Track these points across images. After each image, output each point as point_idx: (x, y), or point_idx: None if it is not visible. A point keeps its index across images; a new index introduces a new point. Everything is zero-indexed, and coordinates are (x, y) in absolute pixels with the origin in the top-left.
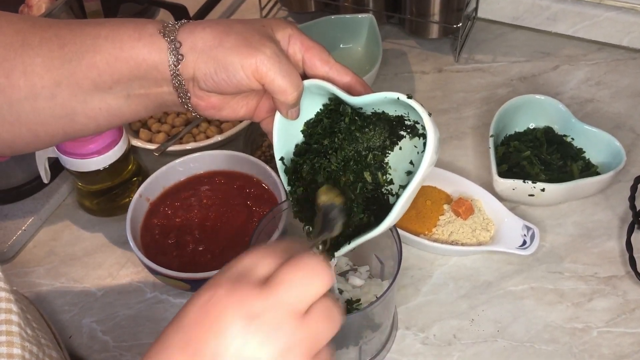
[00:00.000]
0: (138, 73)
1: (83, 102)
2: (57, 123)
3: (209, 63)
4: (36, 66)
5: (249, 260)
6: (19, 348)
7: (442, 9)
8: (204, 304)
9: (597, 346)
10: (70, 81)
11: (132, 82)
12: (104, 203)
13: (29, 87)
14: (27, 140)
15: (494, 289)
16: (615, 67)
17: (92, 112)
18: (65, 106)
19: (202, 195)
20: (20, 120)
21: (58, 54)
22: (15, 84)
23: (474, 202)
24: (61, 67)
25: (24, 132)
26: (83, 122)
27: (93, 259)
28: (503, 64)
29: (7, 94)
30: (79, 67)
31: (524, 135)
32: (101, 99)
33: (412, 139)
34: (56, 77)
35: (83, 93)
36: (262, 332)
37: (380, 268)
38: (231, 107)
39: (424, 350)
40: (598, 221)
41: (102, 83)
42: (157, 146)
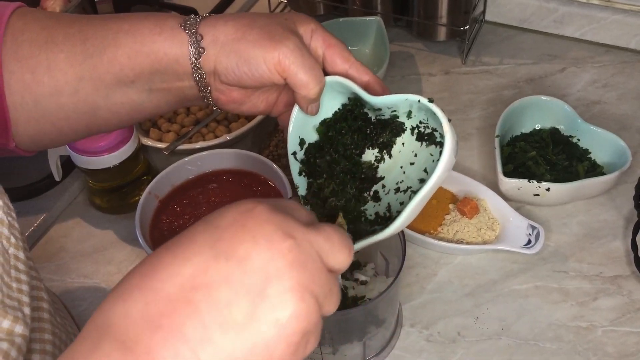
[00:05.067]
0: (159, 67)
1: (105, 97)
2: (80, 118)
3: (231, 56)
4: (60, 62)
5: (288, 203)
6: (49, 334)
7: (450, 11)
8: (246, 212)
9: (602, 345)
10: (93, 76)
11: (154, 76)
12: (114, 201)
13: (53, 82)
14: (51, 136)
15: (498, 287)
16: (622, 70)
17: (114, 107)
18: (88, 101)
19: (210, 193)
20: (45, 116)
21: (80, 49)
22: (40, 80)
23: (480, 202)
24: (83, 62)
25: (48, 127)
26: (105, 117)
27: (103, 256)
28: (510, 66)
29: (33, 90)
30: (101, 62)
31: (530, 136)
32: (123, 94)
33: (429, 146)
34: (79, 72)
35: (105, 88)
36: (293, 254)
37: (385, 265)
38: (252, 101)
39: (428, 348)
40: (603, 221)
41: (124, 77)
42: (166, 145)
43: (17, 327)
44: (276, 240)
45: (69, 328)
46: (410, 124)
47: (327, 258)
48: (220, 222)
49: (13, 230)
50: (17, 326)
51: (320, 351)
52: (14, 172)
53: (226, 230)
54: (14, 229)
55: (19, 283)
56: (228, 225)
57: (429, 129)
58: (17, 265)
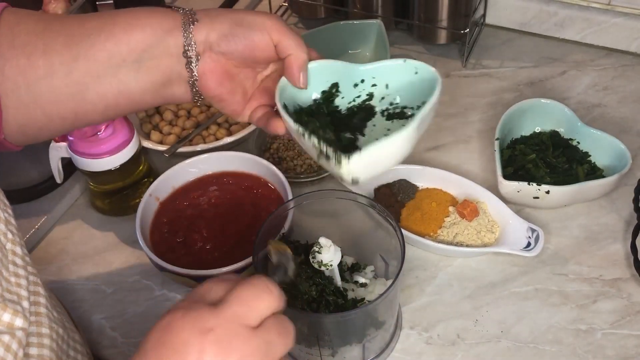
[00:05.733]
0: (152, 39)
1: (96, 78)
2: (69, 102)
3: (225, 23)
4: (57, 44)
5: (204, 287)
6: (47, 328)
7: (450, 14)
8: (164, 327)
9: (601, 348)
10: (88, 54)
11: (145, 51)
12: (115, 203)
13: (48, 65)
14: (40, 124)
15: (498, 290)
16: (623, 73)
17: (102, 89)
18: (80, 82)
19: (210, 195)
20: (36, 100)
21: (78, 32)
22: (35, 63)
23: (479, 205)
24: (80, 42)
25: (38, 114)
26: (93, 101)
27: (103, 258)
28: (510, 69)
29: (27, 74)
30: (98, 39)
31: (530, 138)
32: (113, 74)
33: (400, 120)
34: (75, 52)
35: (97, 67)
36: (216, 343)
37: (385, 268)
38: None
39: (427, 350)
40: (603, 224)
41: (117, 54)
42: (167, 147)
43: (17, 320)
44: (196, 340)
45: (66, 323)
46: (380, 108)
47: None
48: (147, 345)
49: (10, 226)
50: (17, 319)
51: (319, 353)
52: (15, 174)
53: (153, 350)
54: (11, 225)
55: (17, 277)
56: (154, 346)
57: (398, 109)
58: (14, 260)
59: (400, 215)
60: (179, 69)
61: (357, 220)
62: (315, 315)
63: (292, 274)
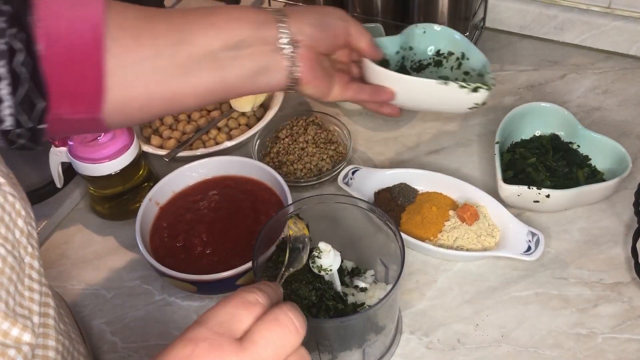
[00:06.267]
0: (249, 30)
1: (197, 62)
2: (171, 83)
3: (311, 16)
4: (161, 29)
5: (229, 312)
6: (53, 340)
7: (450, 18)
8: (187, 356)
9: (602, 352)
10: (192, 40)
11: (243, 40)
12: (115, 207)
13: (154, 47)
14: (140, 103)
15: (498, 294)
16: (623, 76)
17: (202, 73)
18: (182, 65)
19: (210, 200)
20: (140, 79)
21: (181, 20)
22: (142, 44)
23: (480, 208)
24: (183, 29)
25: (140, 92)
26: (193, 84)
27: (104, 262)
28: (510, 73)
29: (133, 54)
30: (199, 27)
31: (530, 142)
32: (212, 60)
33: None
34: (179, 37)
35: (198, 52)
36: None
37: (385, 272)
38: (322, 77)
39: (428, 355)
40: (604, 228)
41: (217, 41)
42: (167, 152)
43: (25, 335)
44: None
45: (72, 334)
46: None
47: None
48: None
49: (31, 239)
50: (25, 334)
51: (319, 358)
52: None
53: None
54: (32, 239)
55: (30, 292)
56: None
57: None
58: (31, 274)
59: (400, 219)
60: (276, 58)
61: (357, 224)
62: (315, 320)
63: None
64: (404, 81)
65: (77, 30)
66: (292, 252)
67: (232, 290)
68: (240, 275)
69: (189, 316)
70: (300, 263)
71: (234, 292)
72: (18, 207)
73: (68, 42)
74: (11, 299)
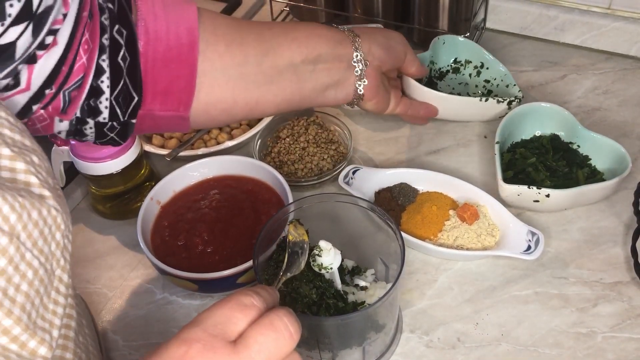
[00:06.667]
0: (327, 47)
1: (280, 73)
2: (255, 89)
3: (379, 38)
4: (250, 39)
5: (225, 314)
6: (71, 353)
7: (451, 19)
8: (181, 356)
9: (602, 351)
10: (277, 51)
11: (321, 55)
12: (117, 207)
13: (243, 54)
14: (225, 105)
15: (498, 293)
16: (623, 77)
17: (283, 83)
18: (267, 74)
19: (211, 199)
20: (228, 83)
21: (268, 33)
22: (233, 51)
23: (480, 208)
24: (269, 41)
25: (227, 95)
26: (275, 92)
27: (105, 261)
28: (511, 73)
29: (224, 59)
30: (285, 40)
31: (530, 142)
32: (293, 72)
33: None
34: (265, 47)
35: (282, 63)
36: None
37: (385, 271)
38: (384, 94)
39: (428, 353)
40: (603, 227)
41: (299, 54)
42: (169, 151)
43: (42, 349)
44: None
45: (90, 347)
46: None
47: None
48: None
49: (65, 252)
50: (42, 348)
51: (320, 356)
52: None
53: None
54: (66, 252)
55: (55, 305)
56: None
57: None
58: (58, 287)
59: (400, 218)
60: (347, 74)
61: (357, 223)
62: (315, 318)
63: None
64: (451, 100)
65: (175, 32)
66: (290, 257)
67: (232, 289)
68: (241, 274)
69: (190, 314)
70: (298, 269)
71: (231, 294)
72: (59, 221)
73: (166, 41)
74: (34, 312)
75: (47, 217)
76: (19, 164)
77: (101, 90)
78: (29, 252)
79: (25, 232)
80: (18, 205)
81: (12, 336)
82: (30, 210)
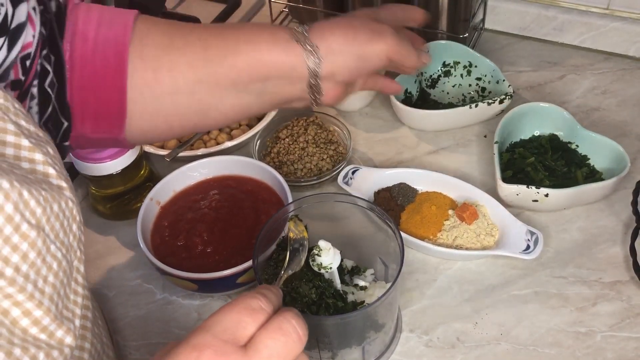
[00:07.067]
0: (276, 74)
1: (219, 99)
2: (191, 117)
3: (348, 58)
4: (181, 65)
5: (230, 319)
6: (89, 343)
7: (449, 19)
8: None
9: (601, 350)
10: (211, 80)
11: (268, 82)
12: (117, 207)
13: (173, 82)
14: (160, 131)
15: (497, 293)
16: (622, 77)
17: (225, 108)
18: (202, 102)
19: (211, 199)
20: (160, 111)
21: (202, 56)
22: (161, 79)
23: (479, 208)
24: (204, 67)
25: (160, 123)
26: (215, 117)
27: (105, 261)
28: (510, 74)
29: (152, 88)
30: (221, 68)
31: (528, 142)
32: (235, 97)
33: None
34: (198, 75)
35: (220, 91)
36: None
37: (385, 271)
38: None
39: (427, 353)
40: (602, 227)
41: (240, 82)
42: (168, 152)
43: (68, 338)
44: None
45: (103, 338)
46: None
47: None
48: None
49: (80, 244)
50: (68, 337)
51: (319, 356)
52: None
53: None
54: (81, 243)
55: (75, 295)
56: None
57: None
58: (77, 277)
59: (399, 218)
60: (300, 94)
61: (356, 223)
62: (315, 318)
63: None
64: (442, 114)
65: (102, 56)
66: (291, 254)
67: (232, 289)
68: (241, 274)
69: (190, 314)
70: (298, 265)
71: (237, 298)
72: (75, 213)
73: (92, 66)
74: (60, 302)
75: (65, 209)
76: (37, 155)
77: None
78: (53, 244)
79: (49, 225)
80: (42, 199)
81: (42, 326)
82: (52, 203)
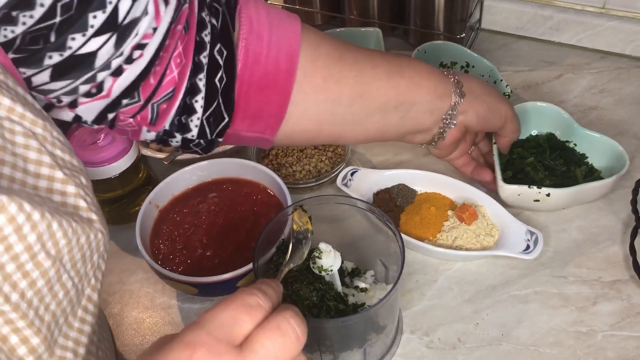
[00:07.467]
0: (425, 99)
1: (369, 115)
2: (342, 127)
3: (482, 104)
4: (349, 77)
5: (227, 316)
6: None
7: (446, 19)
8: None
9: (602, 349)
10: (371, 95)
11: (415, 106)
12: (115, 211)
13: (338, 92)
14: (307, 136)
15: (498, 293)
16: (618, 75)
17: (370, 125)
18: (356, 114)
19: (210, 202)
20: (317, 117)
21: (370, 73)
22: (329, 87)
23: (478, 208)
24: (370, 83)
25: (312, 127)
26: (358, 132)
27: None
28: (507, 74)
29: (317, 94)
30: (385, 86)
31: (526, 142)
32: (382, 115)
33: None
34: (363, 89)
35: (374, 107)
36: None
37: (385, 273)
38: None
39: (428, 354)
40: (602, 226)
41: (394, 101)
42: (166, 155)
43: None
44: None
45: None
46: None
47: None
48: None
49: (98, 272)
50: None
51: (321, 358)
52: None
53: None
54: (99, 271)
55: (82, 324)
56: None
57: None
58: (87, 305)
59: (399, 219)
60: (431, 126)
61: (356, 225)
62: (316, 321)
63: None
64: None
65: (275, 56)
66: (293, 246)
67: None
68: (241, 277)
69: (190, 318)
70: (301, 258)
71: (235, 294)
72: (101, 244)
73: (264, 66)
74: (57, 330)
75: (93, 241)
76: (69, 188)
77: (194, 110)
78: (66, 274)
79: (69, 255)
80: (71, 231)
81: (37, 355)
82: (80, 236)
